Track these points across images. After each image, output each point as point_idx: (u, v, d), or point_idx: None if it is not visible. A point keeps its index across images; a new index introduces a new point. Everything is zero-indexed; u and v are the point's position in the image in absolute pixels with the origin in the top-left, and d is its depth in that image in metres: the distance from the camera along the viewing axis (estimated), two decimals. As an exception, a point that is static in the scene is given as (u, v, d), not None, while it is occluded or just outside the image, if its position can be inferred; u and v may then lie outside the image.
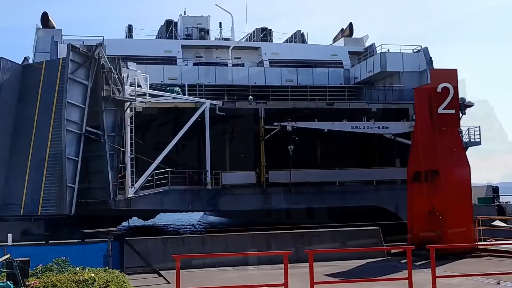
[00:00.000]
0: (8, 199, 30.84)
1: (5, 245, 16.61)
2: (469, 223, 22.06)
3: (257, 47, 48.83)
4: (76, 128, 30.58)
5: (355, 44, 50.27)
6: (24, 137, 31.41)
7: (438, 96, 22.43)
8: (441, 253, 19.94)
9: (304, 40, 52.87)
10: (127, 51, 40.57)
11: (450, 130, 22.69)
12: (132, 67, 34.09)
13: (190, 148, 38.55)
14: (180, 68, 43.87)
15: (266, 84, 43.36)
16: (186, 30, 50.76)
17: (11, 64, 32.65)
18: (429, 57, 42.09)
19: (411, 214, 23.36)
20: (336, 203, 37.18)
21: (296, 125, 35.89)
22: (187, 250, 20.27)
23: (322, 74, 45.80)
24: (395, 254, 21.98)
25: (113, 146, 31.53)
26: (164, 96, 35.38)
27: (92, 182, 31.50)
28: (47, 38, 41.11)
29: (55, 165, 30.04)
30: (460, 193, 22.10)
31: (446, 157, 22.28)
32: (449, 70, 23.37)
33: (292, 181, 36.40)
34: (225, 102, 36.78)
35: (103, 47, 32.16)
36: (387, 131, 36.91)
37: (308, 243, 21.28)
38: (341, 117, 36.91)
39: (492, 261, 20.29)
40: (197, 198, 35.93)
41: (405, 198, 24.46)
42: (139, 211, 38.65)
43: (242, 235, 21.80)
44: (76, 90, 30.83)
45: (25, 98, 32.24)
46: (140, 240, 20.35)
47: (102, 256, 17.36)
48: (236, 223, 43.97)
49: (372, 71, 43.31)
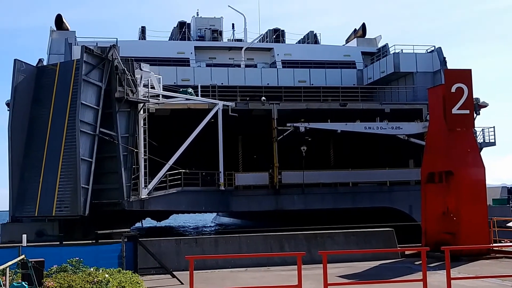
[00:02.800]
0: (23, 200, 31.07)
1: (20, 246, 16.74)
2: (484, 224, 21.87)
3: (269, 48, 48.87)
4: (90, 129, 30.75)
5: (368, 45, 50.16)
6: (38, 138, 31.63)
7: (452, 96, 22.28)
8: (456, 255, 19.82)
9: (317, 41, 52.83)
10: (140, 53, 40.83)
11: (465, 131, 22.52)
12: (145, 68, 34.25)
13: (203, 149, 38.63)
14: (193, 69, 44.01)
15: (279, 85, 43.40)
16: (199, 31, 50.96)
17: (26, 66, 32.90)
18: (442, 57, 41.89)
19: (425, 215, 23.23)
20: (349, 204, 37.12)
21: (309, 126, 35.83)
22: (200, 251, 20.29)
23: (335, 75, 45.74)
24: (409, 255, 21.85)
25: (126, 147, 31.66)
26: (177, 97, 35.49)
27: (106, 183, 31.66)
28: (61, 40, 41.42)
29: (69, 166, 30.21)
30: (474, 194, 21.91)
31: (461, 158, 22.12)
32: (463, 70, 23.19)
33: (305, 182, 36.37)
34: (238, 103, 36.83)
35: (116, 48, 32.34)
36: (400, 132, 36.73)
37: (322, 244, 21.22)
38: (354, 117, 36.81)
39: (508, 262, 20.10)
40: (210, 199, 36.01)
41: (419, 199, 24.33)
42: (153, 212, 38.82)
43: (255, 236, 21.77)
44: (90, 91, 31.01)
45: (39, 99, 32.48)
46: (153, 241, 20.38)
47: (116, 257, 17.40)
48: (249, 225, 44.01)
49: (385, 72, 43.17)
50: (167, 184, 33.90)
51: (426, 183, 23.43)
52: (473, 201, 21.78)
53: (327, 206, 36.94)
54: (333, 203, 37.05)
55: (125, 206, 31.49)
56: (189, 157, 35.37)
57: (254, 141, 40.11)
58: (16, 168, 31.52)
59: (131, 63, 32.71)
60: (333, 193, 37.37)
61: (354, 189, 37.82)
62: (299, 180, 36.39)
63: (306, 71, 45.45)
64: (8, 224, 32.58)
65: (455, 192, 21.86)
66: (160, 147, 34.66)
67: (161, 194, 33.83)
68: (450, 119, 22.30)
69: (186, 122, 35.49)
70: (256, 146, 40.55)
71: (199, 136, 34.90)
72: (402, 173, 38.18)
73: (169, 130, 37.42)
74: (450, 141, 22.28)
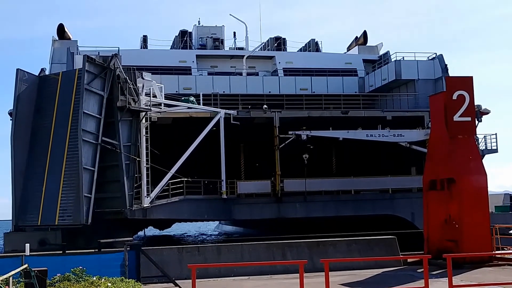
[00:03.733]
0: (25, 209, 31.12)
1: (23, 255, 16.77)
2: (486, 232, 21.86)
3: (271, 56, 49.00)
4: (92, 138, 30.82)
5: (370, 52, 50.27)
6: (41, 147, 31.71)
7: (454, 103, 22.33)
8: (458, 262, 19.80)
9: (318, 48, 52.96)
10: (142, 62, 40.95)
11: (466, 138, 22.55)
12: (147, 77, 34.37)
13: (205, 158, 38.70)
14: (194, 78, 44.12)
15: (280, 93, 43.49)
16: (200, 40, 51.14)
17: (28, 75, 33.02)
18: (444, 65, 41.93)
19: (427, 223, 23.22)
20: (351, 212, 37.08)
21: (310, 133, 35.85)
22: (203, 259, 20.31)
23: (336, 83, 45.85)
24: (411, 263, 21.84)
25: (128, 156, 31.72)
26: (179, 105, 35.59)
27: (108, 192, 31.71)
28: (63, 49, 41.59)
29: (71, 175, 30.27)
30: (476, 202, 21.90)
31: (463, 165, 22.14)
32: (464, 77, 23.24)
33: (307, 190, 36.37)
34: (239, 111, 36.92)
35: (118, 57, 32.46)
36: (402, 139, 36.73)
37: (324, 252, 21.22)
38: (356, 125, 36.84)
39: (510, 270, 20.08)
40: (212, 207, 36.03)
41: (421, 207, 24.34)
42: (155, 220, 38.84)
43: (257, 245, 21.77)
44: (92, 100, 31.10)
45: (41, 109, 32.58)
46: (156, 250, 20.42)
47: (118, 265, 17.42)
48: (251, 233, 43.93)
49: (387, 79, 43.24)
50: (169, 193, 33.91)
51: (428, 191, 23.44)
52: (475, 209, 21.78)
53: (329, 214, 36.91)
54: (335, 211, 37.03)
55: (128, 214, 31.50)
56: (191, 165, 35.40)
57: (256, 149, 40.15)
58: (19, 177, 31.56)
59: (133, 72, 32.81)
60: (335, 200, 37.36)
61: (356, 196, 37.79)
62: (301, 188, 36.40)
63: (308, 79, 45.55)
64: (11, 233, 32.59)
65: (457, 200, 21.86)
66: (162, 155, 34.71)
67: (164, 203, 33.84)
68: (451, 126, 22.34)
69: (188, 130, 35.56)
70: (258, 154, 40.57)
71: (201, 145, 34.96)
72: (404, 181, 38.15)
73: (171, 139, 37.48)
74: (452, 148, 22.31)
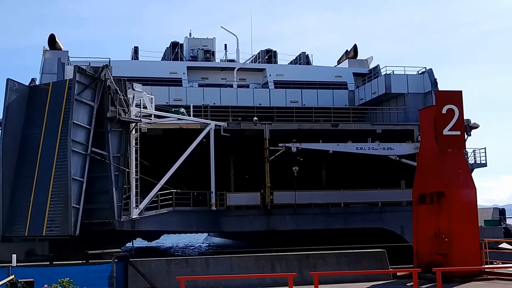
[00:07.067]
0: (13, 220, 30.83)
1: (10, 266, 16.59)
2: (476, 246, 21.90)
3: (262, 68, 49.12)
4: (81, 149, 30.68)
5: (360, 66, 50.52)
6: (30, 157, 31.51)
7: (443, 117, 22.44)
8: (448, 276, 19.79)
9: (309, 61, 53.18)
10: (133, 73, 40.93)
11: (456, 152, 22.65)
12: (137, 88, 34.32)
13: (195, 169, 38.62)
14: (185, 89, 44.13)
15: (271, 105, 43.58)
16: (191, 52, 51.21)
17: (18, 85, 32.88)
18: (433, 79, 42.22)
19: (416, 236, 23.23)
20: (341, 224, 37.04)
21: (300, 146, 35.89)
22: (191, 271, 20.18)
23: (326, 96, 45.99)
24: (401, 276, 21.82)
25: (118, 167, 31.58)
26: (169, 117, 35.52)
27: (97, 203, 31.51)
28: (54, 59, 41.46)
29: (60, 185, 30.07)
30: (466, 215, 21.94)
31: (452, 179, 22.20)
32: (454, 91, 23.38)
33: (296, 203, 36.32)
34: (230, 123, 36.89)
35: (109, 68, 32.40)
36: (392, 153, 36.85)
37: (313, 265, 21.16)
38: (345, 138, 36.92)
39: (500, 284, 20.10)
40: (201, 219, 35.86)
41: (410, 220, 24.33)
42: (144, 232, 38.54)
43: (246, 257, 21.68)
44: (82, 111, 31.00)
45: (31, 119, 32.43)
46: (144, 261, 20.26)
47: (106, 277, 17.30)
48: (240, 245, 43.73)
49: (377, 93, 43.44)
50: (158, 204, 33.75)
51: (417, 204, 23.47)
52: (465, 222, 21.82)
53: (318, 226, 36.84)
54: (324, 223, 36.97)
55: (116, 226, 31.29)
56: (181, 177, 35.28)
57: (246, 161, 40.11)
58: (7, 187, 31.32)
59: (124, 83, 32.78)
60: (325, 213, 37.32)
61: (346, 209, 37.78)
62: (291, 200, 36.35)
63: (298, 91, 45.68)
64: (-2, 244, 32.27)
65: (447, 213, 21.90)
66: (152, 166, 34.57)
67: (152, 214, 33.66)
68: (441, 140, 22.43)
69: (178, 142, 35.47)
70: (248, 166, 40.52)
71: (191, 156, 34.85)
72: (393, 194, 38.21)
73: (161, 150, 37.37)
74: (442, 162, 22.38)
